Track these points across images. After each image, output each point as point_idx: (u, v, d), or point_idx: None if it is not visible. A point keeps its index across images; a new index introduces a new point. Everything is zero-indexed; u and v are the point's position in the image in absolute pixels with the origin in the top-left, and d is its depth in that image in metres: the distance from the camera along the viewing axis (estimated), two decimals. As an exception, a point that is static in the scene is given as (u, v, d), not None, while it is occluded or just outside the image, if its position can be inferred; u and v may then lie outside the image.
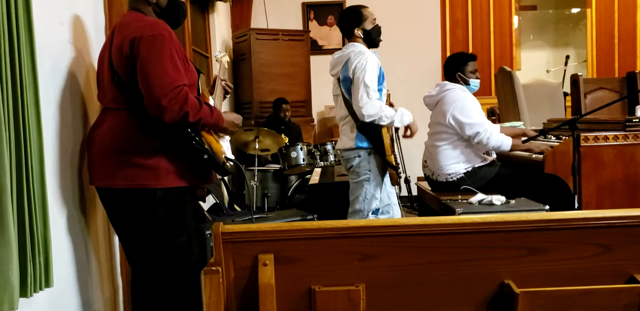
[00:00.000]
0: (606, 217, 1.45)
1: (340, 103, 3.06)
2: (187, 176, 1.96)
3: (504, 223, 1.45)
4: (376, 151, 2.93)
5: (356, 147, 2.96)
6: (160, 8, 2.03)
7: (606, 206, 2.85)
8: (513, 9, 7.03)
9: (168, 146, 1.92)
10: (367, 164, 2.94)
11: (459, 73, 3.31)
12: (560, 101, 5.07)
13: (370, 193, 2.94)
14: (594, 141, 2.91)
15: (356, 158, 2.96)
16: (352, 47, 3.04)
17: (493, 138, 3.07)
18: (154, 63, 1.82)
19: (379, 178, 2.96)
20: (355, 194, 2.97)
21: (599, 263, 1.47)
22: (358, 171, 2.96)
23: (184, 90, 1.84)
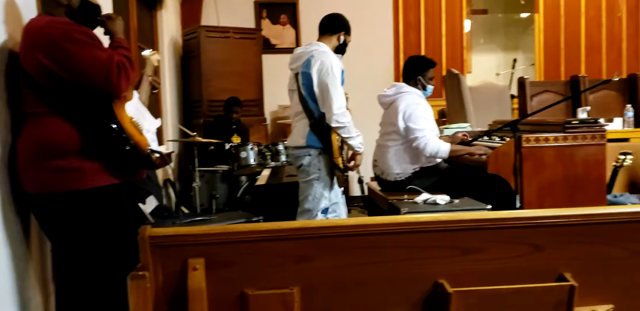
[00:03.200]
0: (537, 217, 1.47)
1: (296, 99, 3.02)
2: (115, 173, 1.96)
3: (437, 222, 1.46)
4: (325, 151, 2.92)
5: (307, 146, 2.93)
6: (72, 9, 2.01)
7: (547, 205, 2.92)
8: (464, 12, 7.16)
9: (89, 144, 1.91)
10: (317, 163, 2.93)
11: (420, 77, 3.35)
12: (508, 103, 5.19)
13: (319, 192, 2.93)
14: (535, 142, 2.97)
15: (306, 157, 2.93)
16: (316, 45, 3.01)
17: (430, 145, 3.13)
18: (78, 58, 1.84)
19: (328, 177, 2.95)
20: (305, 194, 2.96)
21: (531, 262, 1.48)
22: (308, 170, 2.94)
23: (113, 61, 1.87)
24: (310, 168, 2.93)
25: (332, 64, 2.87)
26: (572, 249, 1.48)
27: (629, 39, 7.77)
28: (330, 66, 2.85)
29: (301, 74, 2.94)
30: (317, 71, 2.86)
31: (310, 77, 2.88)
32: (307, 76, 2.90)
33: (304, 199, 2.96)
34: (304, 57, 2.96)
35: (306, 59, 2.93)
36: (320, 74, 2.85)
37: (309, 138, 2.92)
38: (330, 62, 2.87)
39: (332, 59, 2.90)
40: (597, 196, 3.00)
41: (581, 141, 2.99)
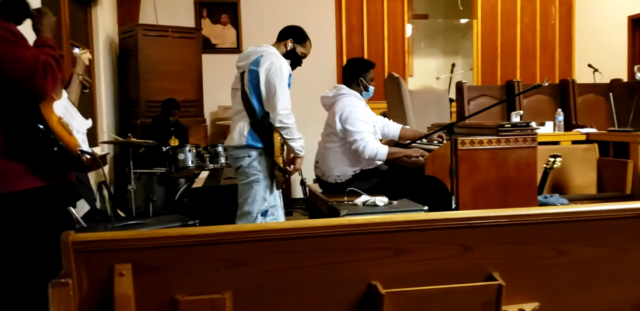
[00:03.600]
0: (467, 218, 1.49)
1: (238, 98, 2.97)
2: (42, 175, 1.88)
3: (370, 224, 1.46)
4: (266, 152, 2.88)
5: (247, 146, 2.88)
6: None
7: (481, 206, 3.00)
8: (406, 17, 7.30)
9: (14, 146, 1.83)
10: (257, 165, 2.89)
11: (361, 78, 3.38)
12: (447, 107, 5.31)
13: (259, 195, 2.89)
14: (470, 144, 3.05)
15: (246, 158, 2.89)
16: (267, 47, 2.99)
17: (368, 147, 3.16)
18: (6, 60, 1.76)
19: (268, 179, 2.92)
20: (244, 196, 2.91)
21: (461, 263, 1.51)
22: (247, 172, 2.90)
23: (38, 60, 1.80)
24: (250, 169, 2.89)
25: (282, 65, 2.86)
26: (500, 249, 1.52)
27: (562, 46, 8.14)
28: (279, 67, 2.83)
29: (248, 72, 2.90)
30: (265, 70, 2.83)
31: (257, 75, 2.85)
32: (254, 74, 2.87)
33: (243, 201, 2.92)
34: (253, 56, 2.93)
35: (255, 58, 2.90)
36: (268, 73, 2.83)
37: (249, 137, 2.87)
38: (280, 63, 2.86)
39: (282, 61, 2.89)
40: (528, 197, 3.11)
41: (513, 144, 3.09)
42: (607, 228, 1.55)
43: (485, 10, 7.79)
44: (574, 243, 1.54)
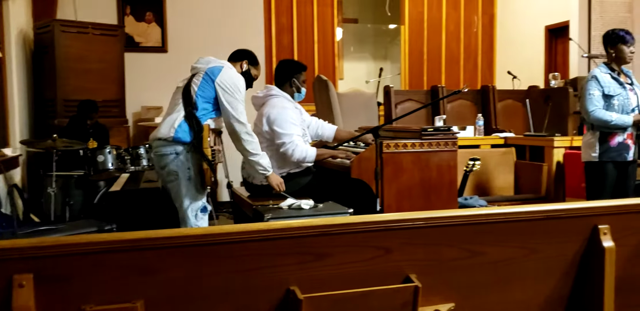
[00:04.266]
0: (385, 221, 1.51)
1: (179, 94, 2.91)
2: None
3: (288, 229, 1.45)
4: (194, 148, 2.79)
5: (174, 141, 2.78)
6: None
7: (405, 208, 3.06)
8: (336, 20, 7.37)
9: None
10: (185, 162, 2.80)
11: (294, 79, 3.36)
12: (375, 110, 5.40)
13: (193, 192, 2.83)
14: (394, 148, 3.10)
15: (172, 155, 2.79)
16: (227, 63, 3.03)
17: (297, 151, 3.16)
18: None
19: (199, 175, 2.84)
20: (179, 197, 2.82)
21: (380, 265, 1.52)
22: (175, 171, 2.80)
23: None
24: (178, 167, 2.80)
25: (240, 80, 2.92)
26: (417, 251, 1.54)
27: (484, 53, 8.48)
28: (238, 82, 2.90)
29: (204, 74, 2.89)
30: (224, 82, 2.87)
31: (212, 82, 2.87)
32: (209, 80, 2.88)
33: (180, 203, 2.84)
34: (214, 64, 2.95)
35: (216, 66, 2.92)
36: (228, 87, 2.87)
37: (179, 130, 2.79)
38: (239, 79, 2.92)
39: (240, 78, 2.95)
40: (449, 198, 3.20)
41: (435, 148, 3.17)
42: (518, 229, 1.61)
43: (413, 16, 7.99)
44: (487, 244, 1.59)
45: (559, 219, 1.63)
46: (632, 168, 3.35)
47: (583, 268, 1.69)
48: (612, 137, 3.26)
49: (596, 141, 3.29)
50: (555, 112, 4.72)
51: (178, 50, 5.82)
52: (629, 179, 3.34)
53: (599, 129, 3.29)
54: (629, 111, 3.27)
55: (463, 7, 8.27)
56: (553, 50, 7.56)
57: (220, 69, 2.91)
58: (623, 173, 3.31)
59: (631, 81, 3.38)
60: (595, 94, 3.27)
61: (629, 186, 3.35)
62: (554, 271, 1.67)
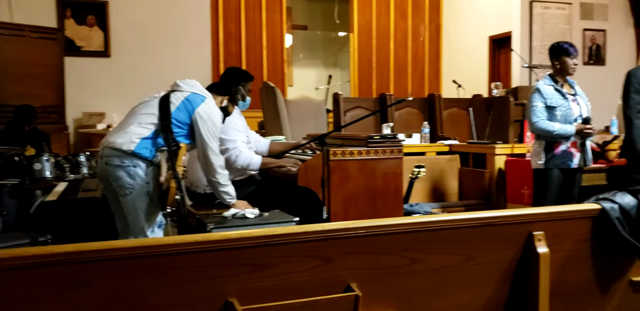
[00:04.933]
0: (326, 230, 1.51)
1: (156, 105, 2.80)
2: None
3: (227, 240, 1.43)
4: (155, 163, 2.71)
5: (133, 154, 2.66)
6: None
7: (351, 215, 3.07)
8: (285, 27, 7.38)
9: None
10: (144, 177, 2.69)
11: (240, 87, 3.33)
12: (324, 117, 5.42)
13: (150, 209, 2.72)
14: (341, 155, 3.11)
15: (129, 168, 2.66)
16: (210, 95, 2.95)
17: (241, 157, 3.14)
18: None
19: (158, 189, 2.73)
20: (134, 211, 2.70)
21: (321, 275, 1.52)
22: (132, 184, 2.67)
23: None
24: (137, 182, 2.68)
25: (219, 118, 2.89)
26: (358, 259, 1.55)
27: (431, 62, 8.67)
28: (217, 121, 2.87)
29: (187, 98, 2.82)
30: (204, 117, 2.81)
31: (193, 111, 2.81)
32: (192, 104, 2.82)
33: (135, 218, 2.70)
34: (199, 92, 2.88)
35: (201, 96, 2.86)
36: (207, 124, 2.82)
37: (141, 145, 2.67)
38: (219, 117, 2.89)
39: (220, 115, 2.92)
40: (395, 205, 3.23)
41: (381, 155, 3.20)
42: (456, 236, 1.64)
43: (361, 25, 8.10)
44: (426, 251, 1.61)
45: (496, 226, 1.67)
46: (577, 175, 3.48)
47: (519, 273, 1.73)
48: (557, 146, 3.39)
49: (542, 149, 3.41)
50: (497, 120, 4.86)
51: (122, 55, 5.68)
52: (574, 186, 3.47)
53: (544, 138, 3.41)
54: (571, 121, 3.41)
55: (410, 17, 8.44)
56: (496, 60, 7.80)
57: (203, 100, 2.85)
58: (569, 181, 3.44)
59: (574, 92, 3.53)
60: (538, 106, 3.39)
61: (573, 193, 3.48)
62: (491, 277, 1.71)
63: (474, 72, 7.78)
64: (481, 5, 7.83)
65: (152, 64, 5.51)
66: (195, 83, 2.97)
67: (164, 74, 5.51)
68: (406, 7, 8.41)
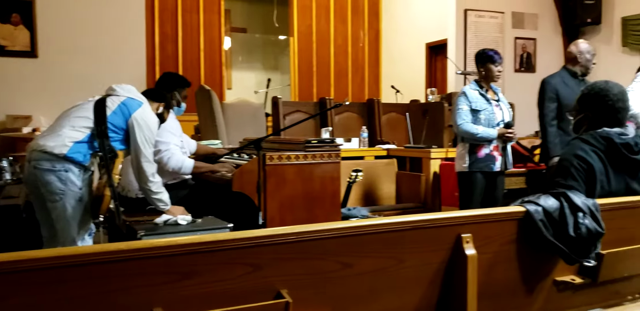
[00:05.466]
0: (255, 237, 1.48)
1: (90, 109, 2.71)
2: None
3: (153, 248, 1.38)
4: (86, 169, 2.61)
5: (66, 158, 2.55)
6: None
7: (288, 220, 3.05)
8: (223, 29, 7.29)
9: None
10: (76, 182, 2.58)
11: (176, 93, 3.25)
12: (263, 121, 5.38)
13: (81, 216, 2.61)
14: (278, 160, 3.09)
15: (60, 173, 2.54)
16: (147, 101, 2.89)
17: (173, 159, 3.07)
18: None
19: (90, 195, 2.63)
20: (64, 219, 2.58)
21: (250, 282, 1.49)
22: (63, 190, 2.56)
23: None
24: (68, 187, 2.57)
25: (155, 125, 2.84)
26: (289, 266, 1.53)
27: (370, 67, 8.79)
28: (153, 127, 2.81)
29: (123, 103, 2.74)
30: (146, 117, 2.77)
31: (129, 115, 2.74)
32: (129, 109, 2.75)
33: (65, 226, 2.58)
34: (136, 97, 2.81)
35: (137, 101, 2.79)
36: (147, 123, 2.77)
37: (74, 148, 2.56)
38: (155, 123, 2.84)
39: (156, 122, 2.87)
40: (332, 209, 3.24)
41: (319, 159, 3.20)
42: (387, 240, 1.65)
43: (301, 29, 8.12)
44: (357, 255, 1.61)
45: (425, 229, 1.70)
46: (499, 178, 3.60)
47: (448, 275, 1.76)
48: (480, 149, 3.49)
49: (466, 152, 3.51)
50: (432, 125, 4.98)
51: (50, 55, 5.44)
52: (497, 189, 3.58)
53: (468, 141, 3.51)
54: (494, 125, 3.52)
55: (350, 22, 8.54)
56: (433, 66, 8.00)
57: (140, 105, 2.79)
58: (491, 183, 3.55)
59: (498, 98, 3.65)
60: (463, 109, 3.49)
61: (497, 196, 3.59)
62: (422, 279, 1.73)
63: (411, 77, 7.95)
64: (418, 12, 8.01)
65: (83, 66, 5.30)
66: (132, 88, 2.90)
67: (96, 76, 5.33)
68: (346, 13, 8.50)
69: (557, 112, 3.65)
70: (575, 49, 3.74)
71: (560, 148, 3.43)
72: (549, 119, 3.64)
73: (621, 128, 2.09)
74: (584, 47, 3.74)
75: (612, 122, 2.09)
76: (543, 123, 3.68)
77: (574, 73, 3.73)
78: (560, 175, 1.99)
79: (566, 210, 1.82)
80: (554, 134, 3.61)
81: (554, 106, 3.63)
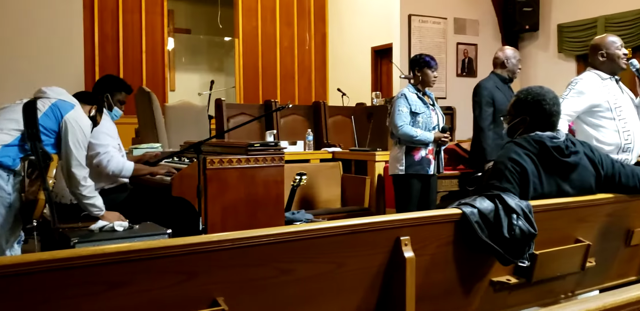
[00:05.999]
0: (189, 244, 1.44)
1: (14, 111, 2.61)
2: None
3: (80, 257, 1.32)
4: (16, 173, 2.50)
5: None
6: None
7: (230, 225, 3.00)
8: (166, 30, 7.14)
9: None
10: (5, 187, 2.48)
11: (108, 95, 3.14)
12: (206, 124, 5.29)
13: (10, 223, 2.50)
14: (219, 164, 3.04)
15: None
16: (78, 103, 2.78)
17: (113, 162, 2.98)
18: None
19: (20, 201, 2.52)
20: None
21: (184, 291, 1.45)
22: None
23: None
24: None
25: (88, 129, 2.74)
26: (225, 273, 1.50)
27: (317, 70, 8.81)
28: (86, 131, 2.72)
29: (54, 104, 2.64)
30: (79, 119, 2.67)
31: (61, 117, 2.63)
32: (60, 110, 2.65)
33: None
34: (67, 99, 2.70)
35: (70, 103, 2.69)
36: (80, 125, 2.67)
37: (3, 152, 2.46)
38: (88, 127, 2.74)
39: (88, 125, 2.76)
40: (275, 214, 3.21)
41: (262, 163, 3.17)
42: (326, 244, 1.64)
43: (247, 30, 8.04)
44: (296, 261, 1.60)
45: (364, 233, 1.70)
46: (433, 181, 3.66)
47: (387, 278, 1.77)
48: (416, 152, 3.54)
49: (403, 155, 3.54)
50: (377, 128, 5.03)
51: (-22, 54, 5.17)
52: (431, 192, 3.64)
53: (404, 143, 3.54)
54: (430, 129, 3.58)
55: (296, 25, 8.53)
56: (379, 70, 8.10)
57: (72, 107, 2.70)
58: (426, 186, 3.60)
59: (432, 102, 3.72)
60: (403, 111, 3.53)
61: (431, 198, 3.65)
62: (361, 283, 1.73)
63: (358, 81, 8.01)
64: (364, 17, 8.09)
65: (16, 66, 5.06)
66: (62, 90, 2.81)
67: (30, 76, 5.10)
68: (292, 15, 8.49)
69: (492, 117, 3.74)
70: (502, 55, 3.86)
71: (496, 152, 3.50)
72: (487, 123, 3.70)
73: (553, 132, 2.16)
74: (509, 52, 3.87)
75: (546, 126, 2.16)
76: (481, 127, 3.72)
77: (503, 78, 3.84)
78: (495, 178, 2.04)
79: (501, 212, 1.86)
80: (492, 137, 3.68)
81: (491, 110, 3.72)
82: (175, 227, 2.73)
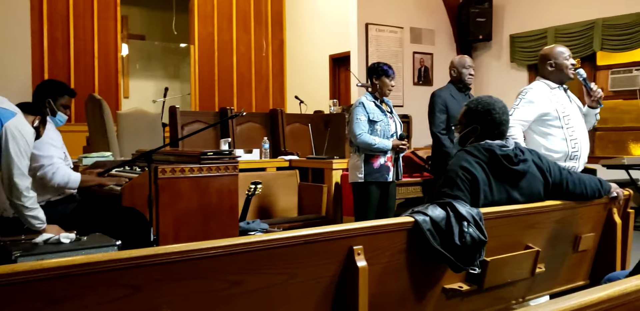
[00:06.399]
0: (134, 257, 1.40)
1: None
2: None
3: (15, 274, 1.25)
4: None
5: None
6: None
7: (182, 236, 2.93)
8: (119, 36, 6.98)
9: None
10: None
11: (50, 100, 3.02)
12: (160, 131, 5.19)
13: None
14: (171, 173, 2.97)
15: None
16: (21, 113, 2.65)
17: (59, 174, 2.86)
18: None
19: None
20: None
21: (128, 305, 1.41)
22: None
23: None
24: None
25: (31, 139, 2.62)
26: (172, 286, 1.46)
27: (275, 77, 8.78)
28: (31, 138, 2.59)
29: None
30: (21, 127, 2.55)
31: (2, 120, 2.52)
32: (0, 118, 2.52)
33: None
34: (9, 107, 2.58)
35: (12, 111, 2.56)
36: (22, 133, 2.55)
37: None
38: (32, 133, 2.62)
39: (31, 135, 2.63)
40: (229, 223, 3.16)
41: (215, 172, 3.11)
42: (277, 255, 1.61)
43: (202, 36, 7.95)
44: (246, 272, 1.56)
45: (317, 243, 1.68)
46: (391, 188, 3.69)
47: (341, 288, 1.75)
48: (375, 160, 3.56)
49: (362, 163, 3.55)
50: (334, 136, 5.03)
51: None
52: (389, 198, 3.66)
53: (363, 151, 3.56)
54: (389, 136, 3.61)
55: (253, 31, 8.49)
56: (337, 78, 8.13)
57: (14, 115, 2.57)
58: (385, 193, 3.62)
59: (390, 110, 3.75)
60: (362, 119, 3.55)
61: (390, 205, 3.67)
62: (314, 294, 1.71)
63: (316, 88, 8.02)
64: (322, 24, 8.13)
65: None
66: (3, 99, 2.69)
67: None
68: (249, 22, 8.45)
69: (446, 124, 3.83)
70: (451, 64, 3.99)
71: None
72: (440, 129, 3.83)
73: (502, 140, 2.20)
74: (456, 61, 3.99)
75: (496, 134, 2.20)
76: (434, 133, 3.85)
77: (459, 87, 3.93)
78: (447, 185, 2.06)
79: (452, 219, 1.88)
80: (447, 139, 3.80)
81: (444, 117, 3.81)
82: (126, 238, 2.64)
